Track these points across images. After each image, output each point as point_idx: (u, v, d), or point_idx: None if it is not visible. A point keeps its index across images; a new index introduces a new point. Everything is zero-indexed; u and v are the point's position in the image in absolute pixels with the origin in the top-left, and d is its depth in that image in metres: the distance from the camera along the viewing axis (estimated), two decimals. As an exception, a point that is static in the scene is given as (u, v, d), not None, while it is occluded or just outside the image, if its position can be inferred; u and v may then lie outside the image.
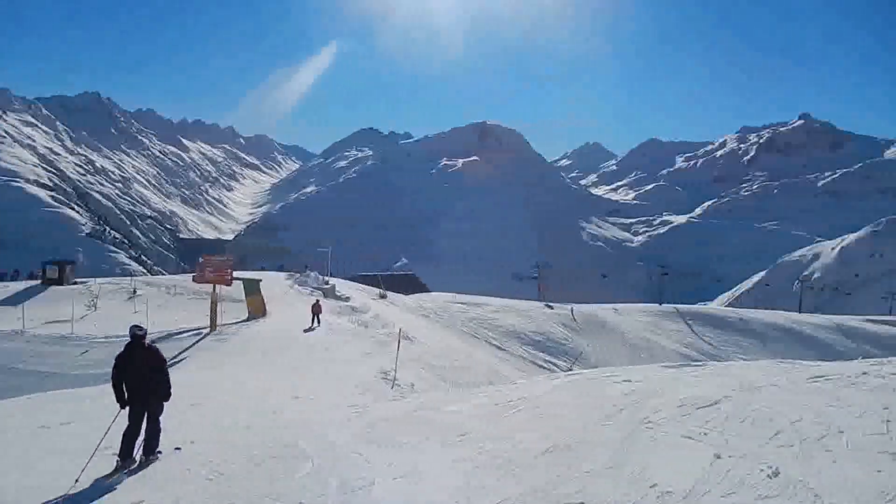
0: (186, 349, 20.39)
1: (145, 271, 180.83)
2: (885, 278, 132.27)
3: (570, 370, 25.03)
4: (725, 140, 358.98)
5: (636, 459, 6.45)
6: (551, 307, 46.51)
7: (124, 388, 7.58)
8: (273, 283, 36.18)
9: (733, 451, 6.33)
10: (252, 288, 28.90)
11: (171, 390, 8.02)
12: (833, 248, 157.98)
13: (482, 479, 6.42)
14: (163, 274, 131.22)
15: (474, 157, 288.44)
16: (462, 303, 43.82)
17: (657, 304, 57.89)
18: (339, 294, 36.27)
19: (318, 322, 26.18)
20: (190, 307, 30.68)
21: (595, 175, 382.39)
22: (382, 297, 41.43)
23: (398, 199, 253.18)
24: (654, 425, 7.61)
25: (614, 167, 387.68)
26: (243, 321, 26.85)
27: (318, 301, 28.14)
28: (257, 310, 28.14)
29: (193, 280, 28.76)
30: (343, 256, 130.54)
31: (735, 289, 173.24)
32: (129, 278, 45.42)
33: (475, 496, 5.97)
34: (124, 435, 7.59)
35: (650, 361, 35.34)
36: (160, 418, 7.96)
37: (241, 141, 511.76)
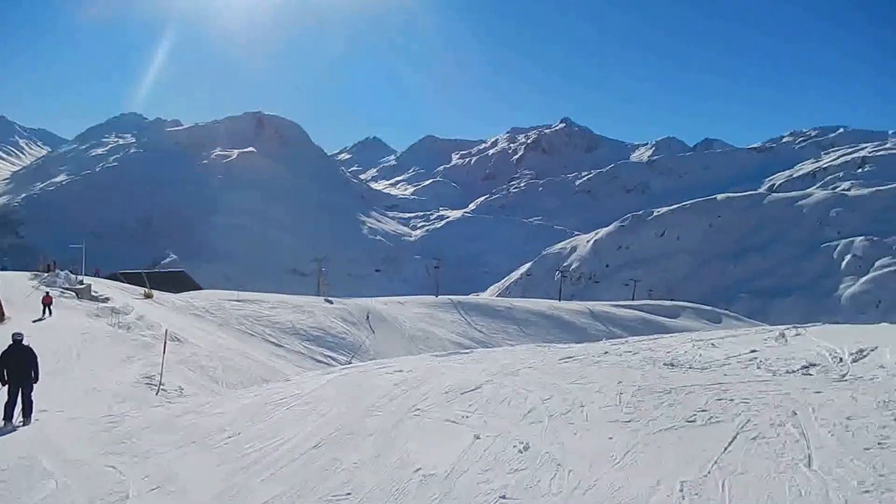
0: None
1: None
2: (629, 267, 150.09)
3: (350, 364, 25.16)
4: (497, 140, 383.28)
5: (402, 446, 6.66)
6: (331, 302, 46.41)
7: (5, 373, 10.59)
8: (14, 284, 31.95)
9: (491, 430, 6.78)
10: (-14, 290, 25.29)
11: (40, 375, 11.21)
12: (588, 242, 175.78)
13: (246, 480, 6.21)
14: None
15: (251, 149, 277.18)
16: (236, 300, 42.10)
17: (433, 296, 60.27)
18: (95, 294, 32.95)
19: (50, 313, 25.41)
20: None
21: (375, 170, 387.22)
22: (148, 296, 38.49)
23: (164, 191, 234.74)
24: (421, 412, 7.91)
25: (394, 162, 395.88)
26: (-25, 328, 23.37)
27: (48, 293, 27.65)
28: (-7, 314, 24.70)
29: None
30: (102, 253, 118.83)
31: (504, 279, 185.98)
32: None
33: (237, 499, 5.77)
34: (5, 406, 10.50)
35: (427, 351, 36.76)
36: (32, 394, 10.91)
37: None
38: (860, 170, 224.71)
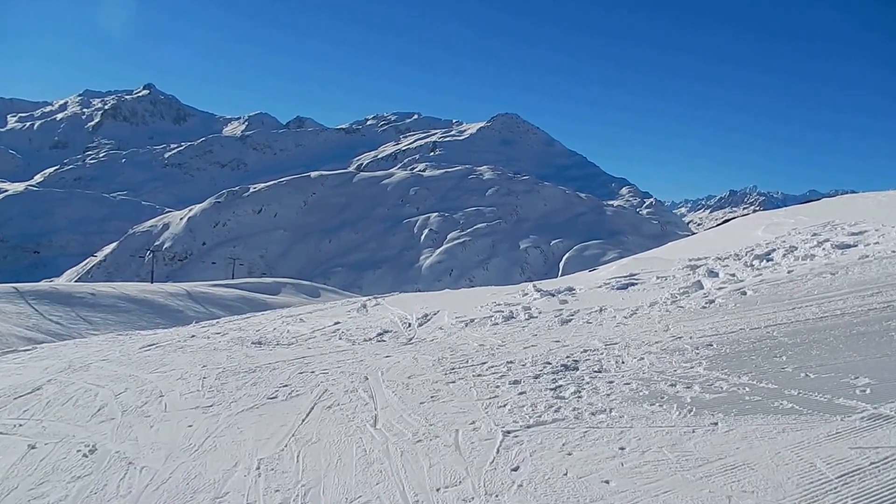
0: None
1: None
2: (227, 245, 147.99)
3: None
4: (67, 102, 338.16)
5: (-74, 477, 5.41)
6: None
7: None
8: None
9: (50, 437, 5.95)
10: None
11: None
12: (181, 219, 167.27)
13: None
14: None
15: None
16: None
17: (-10, 285, 51.00)
18: None
19: None
20: None
21: None
22: None
23: None
24: (-43, 429, 6.56)
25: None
26: None
27: None
28: None
29: None
30: None
31: (85, 262, 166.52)
32: None
33: None
34: None
35: (-19, 350, 30.88)
36: None
37: None
38: (432, 153, 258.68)
